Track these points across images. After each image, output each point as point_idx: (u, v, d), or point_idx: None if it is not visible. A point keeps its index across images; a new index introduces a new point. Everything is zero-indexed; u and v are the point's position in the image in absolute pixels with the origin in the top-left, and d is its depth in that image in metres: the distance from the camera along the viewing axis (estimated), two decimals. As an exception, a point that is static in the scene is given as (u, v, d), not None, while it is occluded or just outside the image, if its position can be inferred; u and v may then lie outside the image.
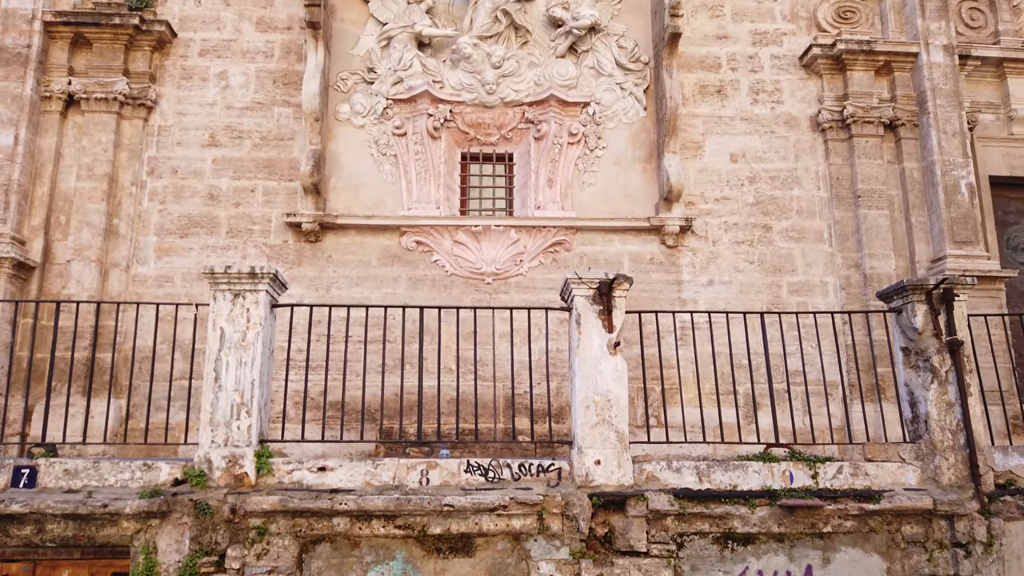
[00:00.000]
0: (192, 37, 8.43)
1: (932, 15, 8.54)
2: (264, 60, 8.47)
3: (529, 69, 8.61)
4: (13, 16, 7.91)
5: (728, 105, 8.66)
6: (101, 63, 8.07)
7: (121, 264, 7.81)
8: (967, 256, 7.82)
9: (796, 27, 8.86)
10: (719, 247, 8.28)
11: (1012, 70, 8.58)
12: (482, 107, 8.49)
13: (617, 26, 8.82)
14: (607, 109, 8.60)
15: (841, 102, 8.50)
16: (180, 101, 8.29)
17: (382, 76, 8.48)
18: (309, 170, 7.81)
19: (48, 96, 7.95)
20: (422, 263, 8.11)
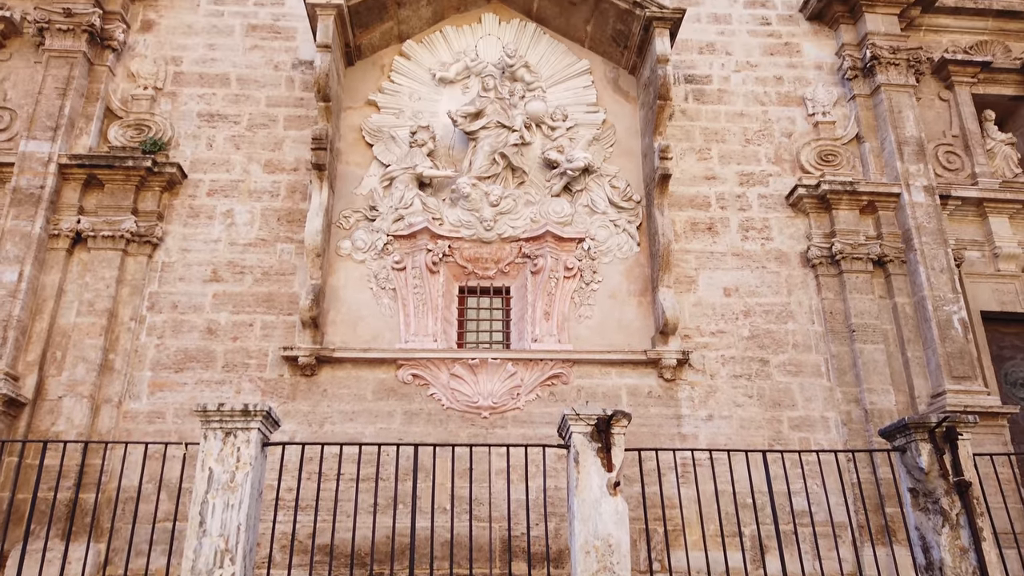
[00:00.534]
0: (201, 178, 8.76)
1: (910, 158, 8.96)
2: (270, 199, 8.77)
3: (526, 207, 8.90)
4: (30, 159, 8.25)
5: (719, 241, 8.89)
6: (111, 202, 8.34)
7: (113, 400, 7.72)
8: (967, 391, 7.78)
9: (781, 169, 9.26)
10: (717, 381, 8.24)
11: (992, 209, 8.90)
12: (480, 243, 8.70)
13: (609, 167, 9.21)
14: (601, 245, 8.82)
15: (829, 239, 8.74)
16: (185, 238, 8.50)
17: (383, 214, 8.75)
18: (308, 304, 7.89)
19: (56, 234, 8.15)
20: (418, 397, 8.03)
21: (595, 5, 9.28)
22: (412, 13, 9.54)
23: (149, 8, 9.48)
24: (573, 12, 9.57)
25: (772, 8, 10.01)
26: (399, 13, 9.41)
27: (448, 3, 9.76)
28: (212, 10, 9.58)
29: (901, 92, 9.22)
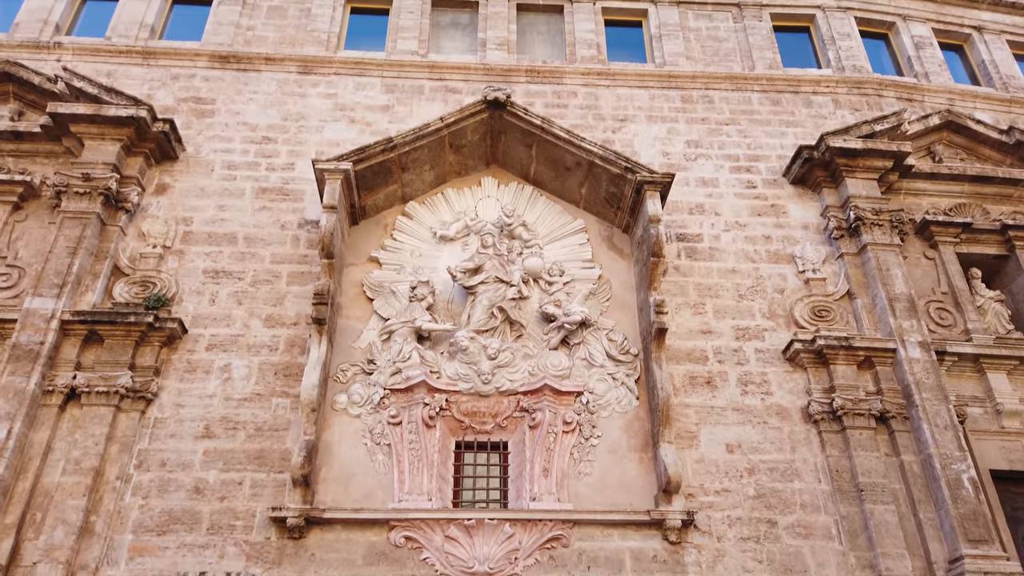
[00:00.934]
0: (202, 333, 8.82)
1: (902, 315, 9.08)
2: (268, 353, 8.78)
3: (523, 360, 8.91)
4: (33, 316, 8.34)
5: (719, 396, 8.82)
6: (109, 358, 8.34)
7: (90, 566, 7.31)
8: (985, 556, 7.42)
9: (775, 324, 9.36)
10: (724, 544, 7.88)
11: (990, 365, 8.91)
12: (477, 396, 8.63)
13: (607, 321, 9.31)
14: (600, 398, 8.74)
15: (829, 394, 8.68)
16: (180, 394, 8.42)
17: (381, 367, 8.73)
18: (300, 461, 7.69)
19: (51, 390, 8.07)
20: (410, 561, 7.64)
21: (589, 170, 9.76)
22: (416, 177, 10.02)
23: (165, 173, 9.96)
24: (568, 176, 10.05)
25: (757, 173, 10.53)
26: (403, 177, 9.88)
27: (450, 168, 10.28)
28: (225, 175, 10.06)
29: (887, 251, 9.51)
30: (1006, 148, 10.41)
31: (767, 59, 11.67)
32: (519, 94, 11.07)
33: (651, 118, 11.10)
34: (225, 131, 10.47)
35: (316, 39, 11.51)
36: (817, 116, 11.13)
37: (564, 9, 12.27)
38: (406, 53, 11.50)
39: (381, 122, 10.81)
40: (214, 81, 10.92)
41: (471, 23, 12.16)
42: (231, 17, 11.60)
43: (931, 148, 10.49)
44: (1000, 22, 12.57)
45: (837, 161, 9.80)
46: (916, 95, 11.42)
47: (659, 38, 11.95)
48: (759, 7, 12.26)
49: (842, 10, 12.22)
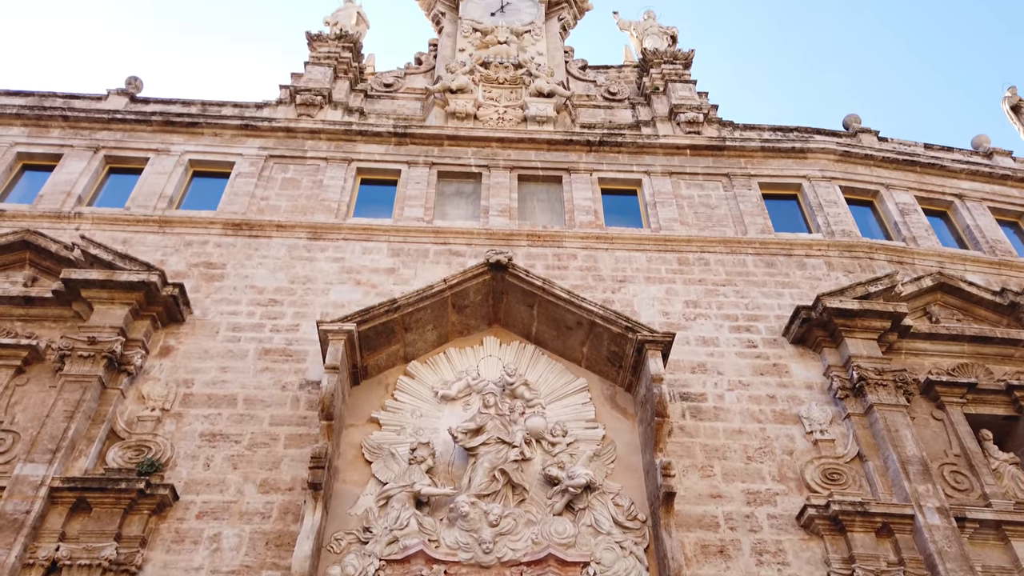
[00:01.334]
0: (193, 499, 8.53)
1: (917, 478, 8.80)
2: (260, 521, 8.44)
3: (527, 527, 8.54)
4: (22, 483, 8.10)
5: (733, 567, 8.35)
6: (96, 527, 8.00)
7: None
8: None
9: (787, 487, 9.05)
10: None
11: (1014, 533, 8.49)
12: (478, 567, 8.20)
13: (612, 484, 9.02)
14: (608, 569, 8.27)
15: (849, 565, 8.21)
16: (166, 566, 7.98)
17: (377, 536, 8.36)
18: (287, 645, 7.17)
19: (31, 563, 7.66)
20: None
21: (590, 329, 9.88)
22: (418, 337, 10.12)
23: (171, 335, 10.08)
24: (569, 335, 10.15)
25: (756, 333, 10.63)
26: (406, 337, 9.98)
27: (452, 328, 10.41)
28: (230, 336, 10.16)
29: (895, 412, 9.38)
30: (1001, 309, 10.57)
31: (759, 224, 12.14)
32: (520, 257, 11.42)
33: (649, 279, 11.37)
34: (233, 294, 10.70)
35: (327, 207, 12.05)
36: (812, 278, 11.40)
37: (563, 179, 12.93)
38: (412, 220, 11.99)
39: (386, 284, 11.08)
40: (226, 247, 11.32)
41: (474, 192, 12.77)
42: (247, 188, 12.22)
43: (927, 309, 10.65)
44: (980, 190, 13.20)
45: (835, 321, 9.92)
46: (907, 258, 11.76)
47: (653, 205, 12.50)
48: (747, 177, 12.92)
49: (827, 180, 12.87)
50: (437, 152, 13.12)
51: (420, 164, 12.90)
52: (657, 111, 14.17)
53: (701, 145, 13.27)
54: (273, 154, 12.85)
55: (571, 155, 13.19)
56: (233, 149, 12.84)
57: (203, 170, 12.76)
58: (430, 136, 13.18)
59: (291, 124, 13.11)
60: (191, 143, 12.87)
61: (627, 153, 13.27)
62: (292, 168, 12.74)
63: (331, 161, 12.82)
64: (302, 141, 13.08)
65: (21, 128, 12.78)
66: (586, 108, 14.76)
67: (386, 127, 13.20)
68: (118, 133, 12.87)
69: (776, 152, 13.20)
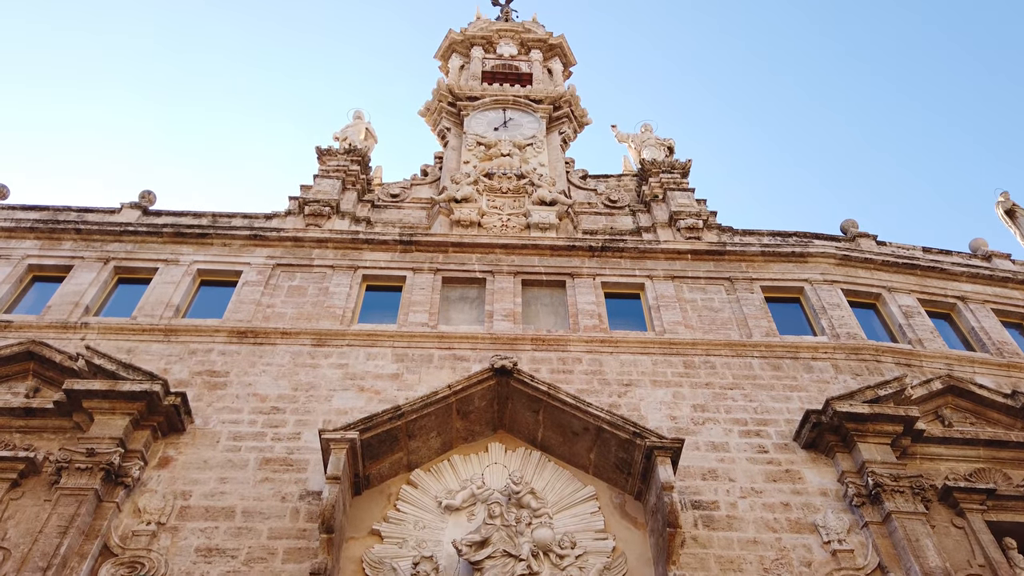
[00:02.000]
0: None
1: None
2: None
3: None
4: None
5: None
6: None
7: None
8: None
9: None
10: None
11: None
12: None
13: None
14: None
15: None
16: None
17: (378, 659, 7.92)
18: None
19: None
20: None
21: (597, 435, 9.71)
22: (422, 444, 9.95)
23: (171, 446, 9.91)
24: (576, 441, 9.97)
25: (767, 437, 10.42)
26: (410, 444, 9.81)
27: (457, 434, 10.25)
28: (230, 446, 9.99)
29: (914, 520, 9.05)
30: (1014, 412, 10.40)
31: (763, 327, 12.15)
32: (525, 361, 11.38)
33: (655, 383, 11.27)
34: (235, 402, 10.60)
35: (332, 314, 12.13)
36: (819, 380, 11.29)
37: (566, 284, 13.07)
38: (417, 325, 12.04)
39: (390, 390, 10.99)
40: (230, 355, 11.32)
41: (479, 297, 12.88)
42: (253, 296, 12.35)
43: (938, 412, 10.48)
44: (982, 292, 13.27)
45: (847, 426, 9.75)
46: (914, 360, 11.68)
47: (657, 308, 12.56)
48: (749, 280, 13.05)
49: (828, 283, 12.98)
50: (442, 259, 13.33)
51: (425, 270, 13.08)
52: (657, 218, 14.48)
53: (702, 250, 13.49)
54: (280, 263, 13.06)
55: (574, 260, 13.38)
56: (241, 258, 13.07)
57: (211, 279, 12.94)
58: (435, 243, 13.44)
59: (299, 234, 13.41)
60: (200, 253, 13.11)
61: (629, 258, 13.46)
62: (299, 276, 12.91)
63: (337, 269, 13.01)
64: (309, 250, 13.33)
65: (34, 241, 13.07)
66: (588, 215, 15.11)
67: (392, 235, 13.48)
68: (129, 244, 13.15)
69: (777, 256, 13.38)
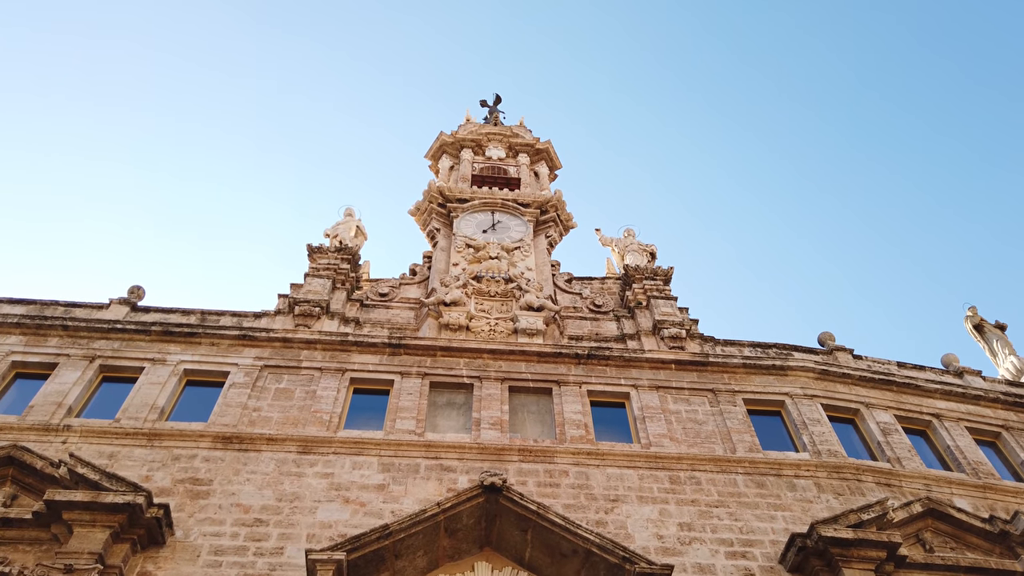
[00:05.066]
0: None
1: None
2: None
3: None
4: None
5: None
6: None
7: None
8: None
9: None
10: None
11: None
12: None
13: None
14: None
15: None
16: None
17: None
18: None
19: None
20: None
21: (586, 558, 9.66)
22: (408, 564, 9.81)
23: (149, 560, 9.64)
24: (564, 563, 9.90)
25: (753, 559, 10.42)
26: (396, 564, 9.67)
27: (443, 552, 10.12)
28: (211, 561, 9.74)
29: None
30: (992, 537, 10.55)
31: (746, 442, 12.30)
32: (512, 473, 11.37)
33: (642, 499, 11.28)
34: (218, 513, 10.39)
35: (319, 419, 12.05)
36: (803, 500, 11.39)
37: (552, 392, 13.17)
38: (404, 432, 11.99)
39: (375, 502, 10.86)
40: (214, 462, 11.15)
41: (466, 403, 12.91)
42: (240, 399, 12.25)
43: (919, 535, 10.60)
44: (956, 410, 13.61)
45: (832, 551, 9.81)
46: (894, 480, 11.86)
47: (643, 420, 12.67)
48: (732, 393, 13.27)
49: (808, 397, 13.25)
50: (430, 363, 13.41)
51: (413, 375, 13.13)
52: (641, 325, 14.78)
53: (685, 360, 13.74)
54: (268, 364, 13.03)
55: (560, 367, 13.53)
56: (229, 359, 13.02)
57: (197, 379, 12.84)
58: (424, 347, 13.53)
59: (288, 335, 13.44)
60: (187, 352, 13.06)
61: (615, 366, 13.66)
62: (287, 378, 12.88)
63: (325, 372, 13.00)
64: (298, 351, 13.34)
65: (19, 337, 12.92)
66: (573, 319, 15.37)
67: (381, 338, 13.56)
68: (116, 342, 13.06)
69: (758, 369, 13.67)
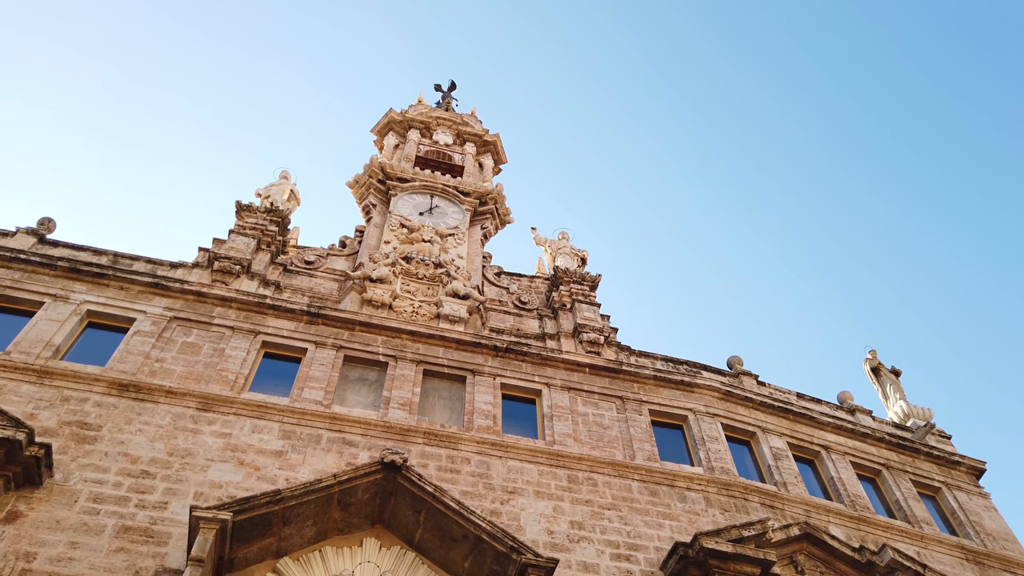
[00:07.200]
0: None
1: None
2: None
3: None
4: None
5: None
6: None
7: None
8: None
9: None
10: None
11: None
12: None
13: None
14: None
15: None
16: None
17: None
18: None
19: None
20: None
21: (475, 544, 9.73)
22: (295, 532, 9.66)
23: (22, 499, 9.21)
24: (453, 547, 9.94)
25: (636, 563, 10.71)
26: (283, 531, 9.51)
27: (333, 525, 10.01)
28: (89, 508, 9.39)
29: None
30: (859, 566, 11.15)
31: (646, 451, 12.64)
32: (415, 455, 11.37)
33: (539, 494, 11.44)
34: (103, 460, 10.03)
35: (223, 378, 11.76)
36: (691, 512, 11.78)
37: (466, 380, 13.22)
38: (310, 402, 11.82)
39: (271, 468, 10.68)
40: (107, 408, 10.74)
41: (378, 380, 12.82)
42: (143, 348, 11.83)
43: (793, 557, 11.11)
44: (844, 444, 14.32)
45: (710, 562, 10.17)
46: (777, 503, 12.40)
47: (550, 418, 12.87)
48: (639, 402, 13.61)
49: (710, 416, 13.71)
50: (347, 336, 13.26)
51: (328, 346, 12.95)
52: (563, 326, 14.98)
53: (600, 366, 14.01)
54: (179, 316, 12.63)
55: (477, 357, 13.59)
56: (137, 305, 12.56)
57: (100, 322, 12.34)
58: (343, 320, 13.37)
59: (204, 289, 13.05)
60: (93, 293, 12.53)
61: (531, 363, 13.81)
62: (196, 333, 12.51)
63: (237, 331, 12.69)
64: (211, 307, 12.98)
65: (-90, 255, 12.18)
66: (497, 313, 15.45)
67: (300, 305, 13.33)
68: (17, 273, 12.41)
69: (667, 383, 14.05)
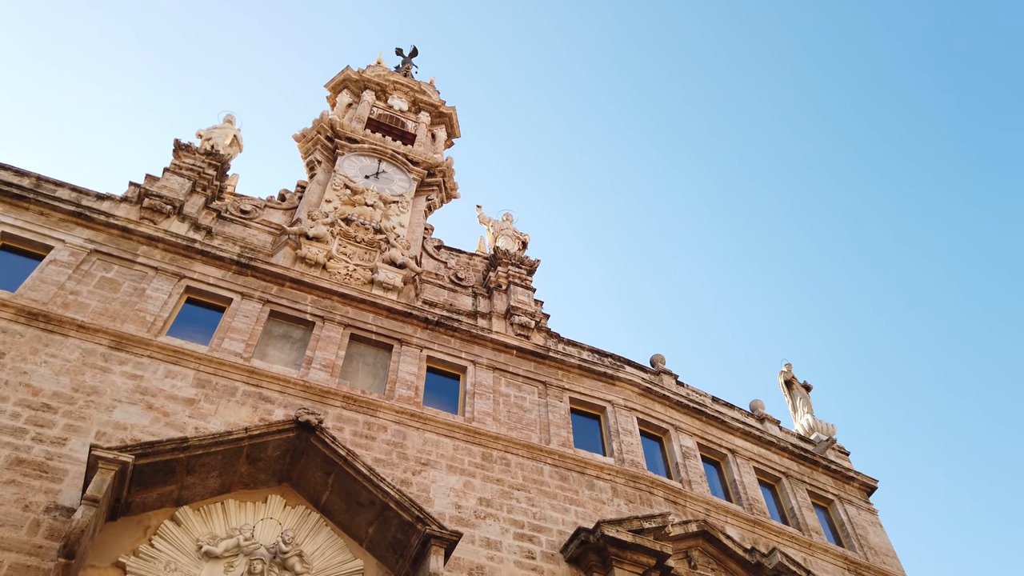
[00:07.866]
0: None
1: None
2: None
3: None
4: None
5: None
6: None
7: None
8: None
9: None
10: None
11: None
12: None
13: None
14: None
15: None
16: None
17: None
18: None
19: None
20: None
21: (381, 511, 9.74)
22: (199, 481, 9.48)
23: (-91, 420, 8.78)
24: (359, 512, 9.93)
25: (538, 544, 10.92)
26: (186, 479, 9.32)
27: (239, 478, 9.87)
28: (-18, 434, 9.01)
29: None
30: (749, 566, 11.66)
31: (562, 436, 12.86)
32: (331, 418, 11.28)
33: (451, 468, 11.52)
34: (2, 389, 9.61)
35: (141, 319, 11.39)
36: (597, 500, 12.07)
37: (393, 348, 13.16)
38: (229, 353, 11.57)
39: (181, 415, 10.44)
40: (12, 335, 10.28)
41: (303, 339, 12.64)
42: (57, 278, 11.35)
43: (688, 552, 11.53)
44: (750, 450, 14.88)
45: (609, 549, 10.46)
46: (680, 499, 12.81)
47: (472, 395, 12.94)
48: (561, 389, 13.82)
49: (628, 409, 14.03)
50: (276, 291, 13.01)
51: (255, 298, 12.69)
52: (496, 307, 15.05)
53: (527, 349, 14.14)
54: (100, 250, 12.15)
55: (407, 328, 13.54)
56: (56, 233, 12.02)
57: (14, 246, 11.77)
58: (274, 274, 13.11)
59: (130, 225, 12.58)
60: (10, 216, 11.92)
61: (459, 339, 13.83)
62: (116, 269, 12.06)
63: (161, 273, 12.29)
64: (136, 244, 12.53)
65: None
66: (432, 286, 15.40)
67: (230, 254, 12.99)
68: (-72, 184, 11.75)
69: (591, 373, 14.30)
